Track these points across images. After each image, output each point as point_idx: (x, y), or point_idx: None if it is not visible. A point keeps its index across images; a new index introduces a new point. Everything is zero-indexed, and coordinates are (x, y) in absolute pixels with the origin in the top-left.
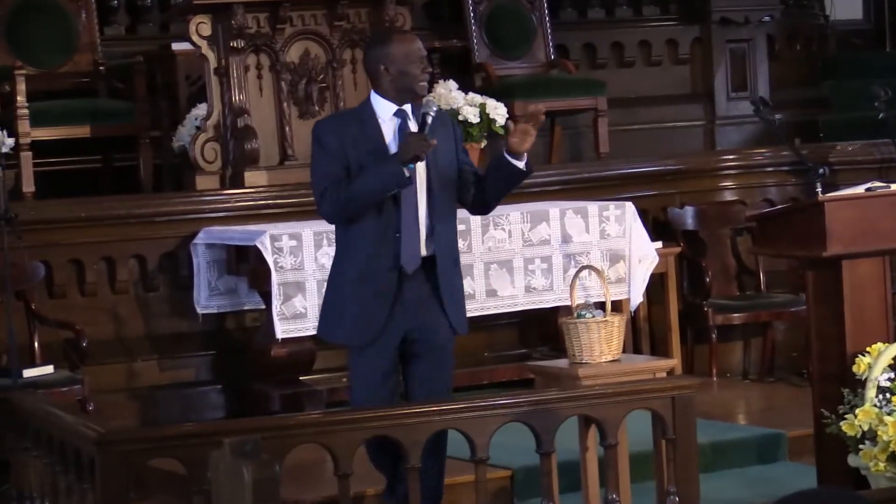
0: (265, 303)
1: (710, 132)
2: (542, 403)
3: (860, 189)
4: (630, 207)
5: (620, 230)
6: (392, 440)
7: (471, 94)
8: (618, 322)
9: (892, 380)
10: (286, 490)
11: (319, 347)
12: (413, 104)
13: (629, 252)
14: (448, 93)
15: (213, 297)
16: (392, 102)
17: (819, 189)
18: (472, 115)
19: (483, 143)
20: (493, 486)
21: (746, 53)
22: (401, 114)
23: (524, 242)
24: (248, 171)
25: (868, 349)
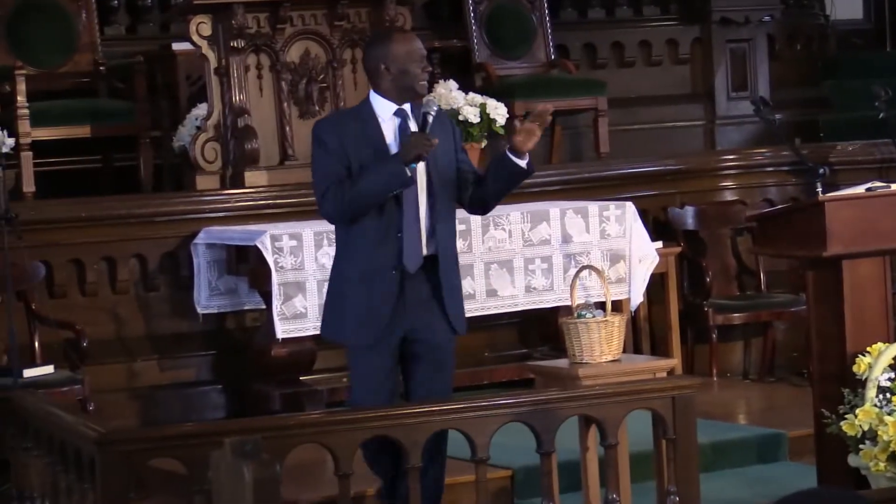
0: (265, 303)
1: (711, 132)
2: (543, 403)
3: (860, 189)
4: (630, 207)
5: (621, 230)
6: (391, 441)
7: (471, 94)
8: (618, 322)
9: (893, 380)
10: (286, 490)
11: (320, 347)
12: (413, 103)
13: (629, 252)
14: (448, 93)
15: (214, 297)
16: (392, 102)
17: (819, 189)
18: (473, 115)
19: (483, 143)
20: (494, 486)
21: (746, 53)
22: (401, 113)
23: (524, 242)
24: (249, 171)
25: (868, 349)
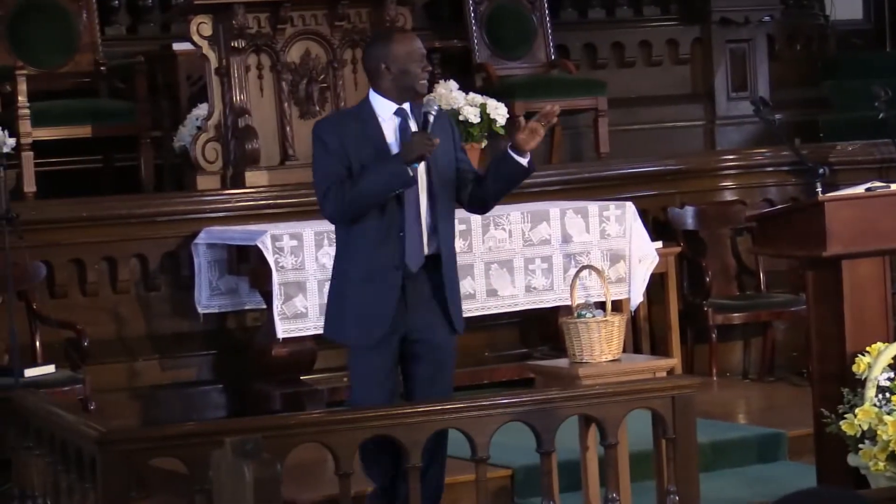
0: (266, 302)
1: (710, 132)
2: (543, 403)
3: (860, 189)
4: (630, 207)
5: (621, 230)
6: (389, 444)
7: (471, 95)
8: (618, 322)
9: (892, 379)
10: (287, 489)
11: (320, 347)
12: (412, 103)
13: (629, 252)
14: (449, 93)
15: (214, 297)
16: (392, 101)
17: (819, 189)
18: (473, 116)
19: (483, 143)
20: (494, 486)
21: (746, 53)
22: (401, 113)
23: (524, 242)
24: (249, 171)
25: (868, 349)
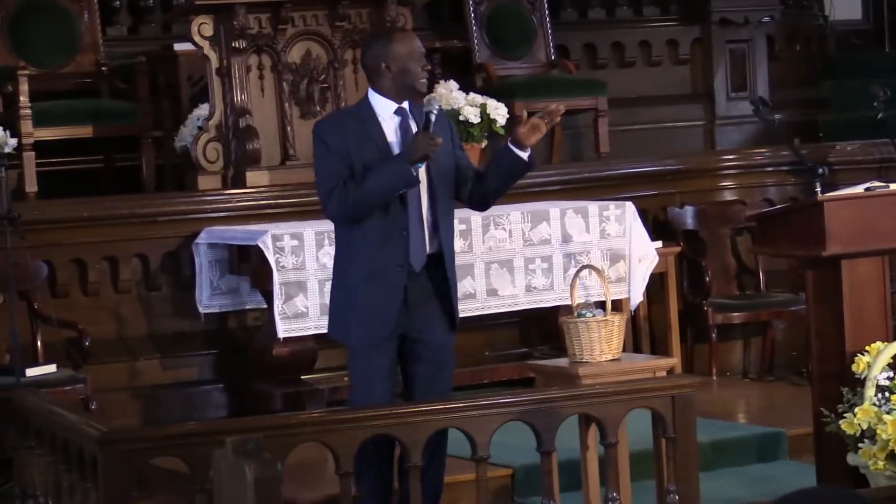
0: (267, 302)
1: (710, 132)
2: (543, 402)
3: (859, 189)
4: (630, 207)
5: (620, 230)
6: (386, 447)
7: (471, 95)
8: (618, 321)
9: (892, 378)
10: (288, 489)
11: (321, 346)
12: (411, 102)
13: (629, 251)
14: (449, 93)
15: (215, 297)
16: (392, 101)
17: (818, 189)
18: (473, 116)
19: (483, 143)
20: (494, 485)
21: (746, 54)
22: (401, 112)
23: (525, 242)
24: (250, 171)
25: (867, 348)
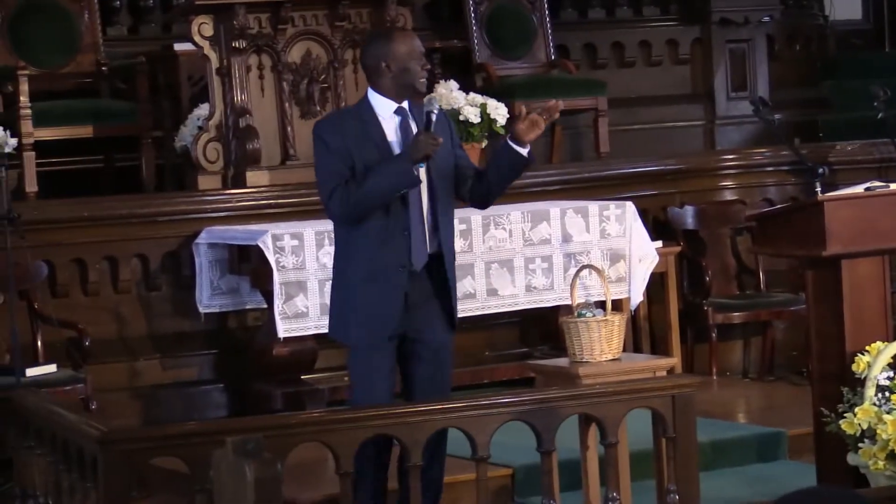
0: (267, 302)
1: (710, 132)
2: (543, 402)
3: (859, 189)
4: (630, 207)
5: (621, 230)
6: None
7: (472, 95)
8: (618, 321)
9: (892, 378)
10: (288, 488)
11: (321, 346)
12: (411, 102)
13: (629, 251)
14: (449, 93)
15: (216, 297)
16: (392, 100)
17: (818, 189)
18: (473, 116)
19: (483, 143)
20: (494, 485)
21: (746, 53)
22: (401, 112)
23: (525, 242)
24: (250, 171)
25: (867, 348)
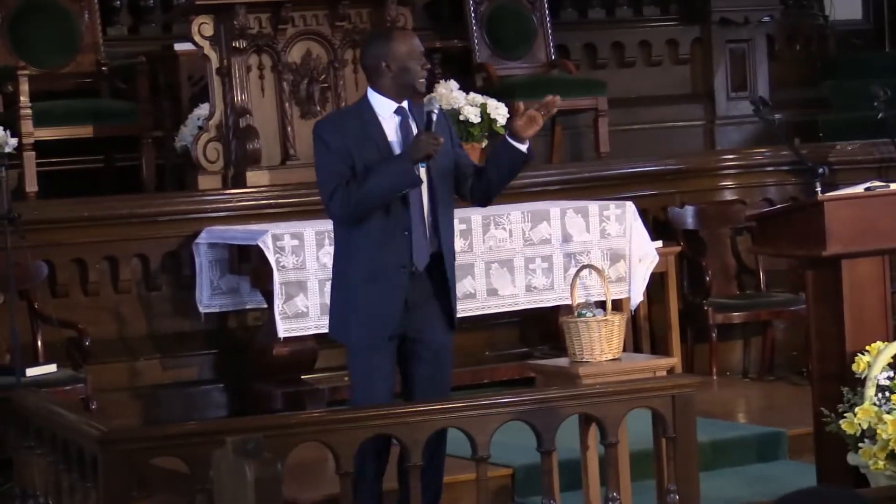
0: (267, 302)
1: (710, 132)
2: (543, 402)
3: (859, 188)
4: (630, 207)
5: (621, 229)
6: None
7: (472, 94)
8: (618, 321)
9: (892, 378)
10: (288, 488)
11: (321, 346)
12: (411, 102)
13: (629, 251)
14: (449, 93)
15: (216, 297)
16: (391, 100)
17: (818, 189)
18: (473, 115)
19: (484, 143)
20: (494, 485)
21: (746, 53)
22: (401, 111)
23: (525, 242)
24: (250, 171)
25: (867, 348)
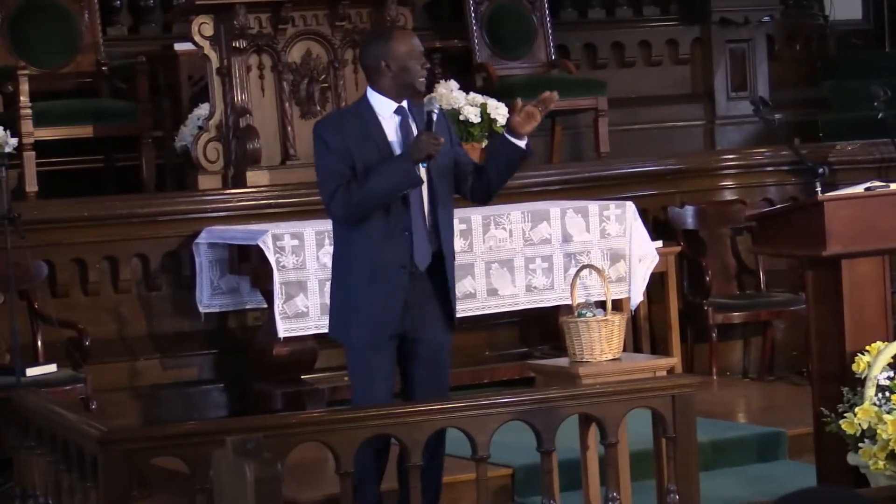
0: (267, 302)
1: (710, 132)
2: (543, 402)
3: (859, 188)
4: (630, 207)
5: (621, 229)
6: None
7: (472, 94)
8: (618, 321)
9: (892, 378)
10: (288, 488)
11: (321, 346)
12: (410, 101)
13: (629, 251)
14: (449, 93)
15: (216, 296)
16: (391, 100)
17: (818, 188)
18: (474, 115)
19: (484, 143)
20: (494, 485)
21: (746, 53)
22: (401, 111)
23: (525, 242)
24: (250, 171)
25: (867, 348)
